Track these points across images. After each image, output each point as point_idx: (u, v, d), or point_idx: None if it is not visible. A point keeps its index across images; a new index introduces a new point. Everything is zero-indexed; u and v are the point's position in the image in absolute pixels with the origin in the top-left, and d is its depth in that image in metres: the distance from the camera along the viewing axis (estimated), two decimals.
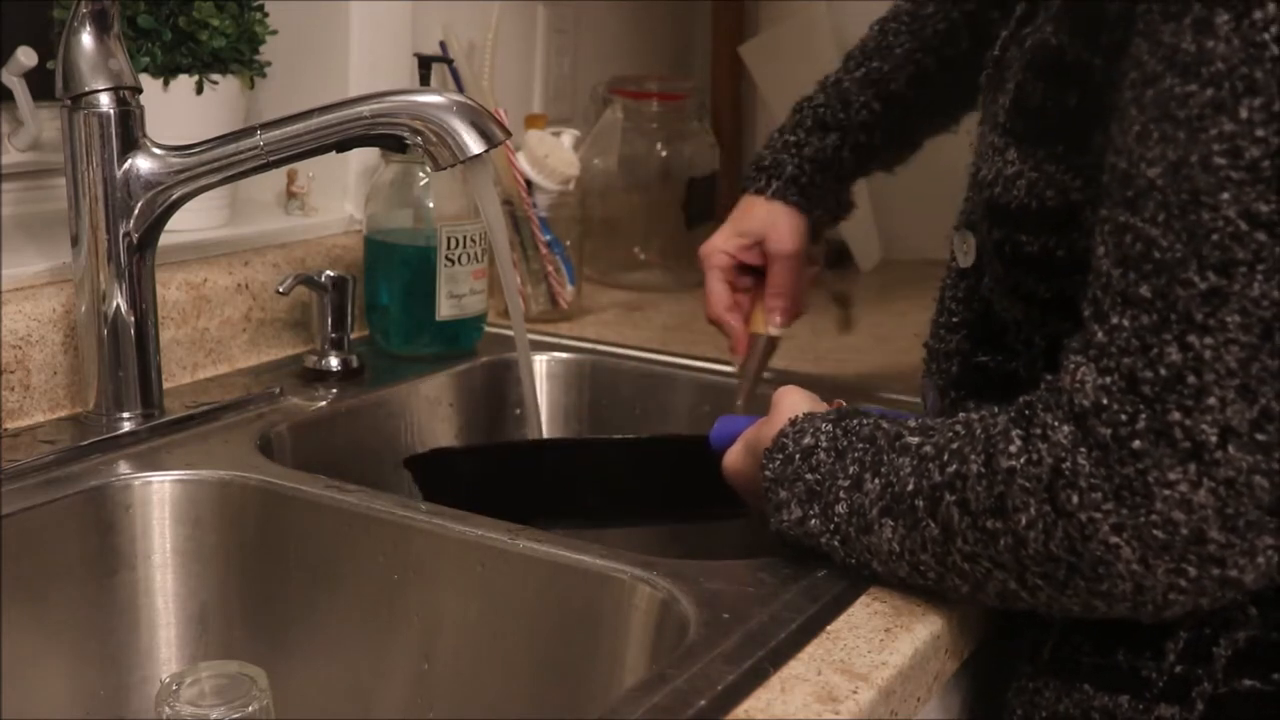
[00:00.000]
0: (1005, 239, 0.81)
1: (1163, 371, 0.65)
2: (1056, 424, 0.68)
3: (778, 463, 0.82)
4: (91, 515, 0.93)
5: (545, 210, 1.40)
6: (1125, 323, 0.66)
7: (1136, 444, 0.65)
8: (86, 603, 0.93)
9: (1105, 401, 0.66)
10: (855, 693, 0.70)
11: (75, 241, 0.99)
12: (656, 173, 1.63)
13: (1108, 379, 0.67)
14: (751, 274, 1.13)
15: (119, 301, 0.99)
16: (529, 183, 1.38)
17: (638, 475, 1.01)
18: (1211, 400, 0.64)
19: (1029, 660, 0.82)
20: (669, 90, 1.66)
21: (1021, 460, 0.69)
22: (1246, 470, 0.64)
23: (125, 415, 1.01)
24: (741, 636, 0.74)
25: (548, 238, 1.40)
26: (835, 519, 0.78)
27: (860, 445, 0.79)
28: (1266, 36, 0.63)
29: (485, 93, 1.38)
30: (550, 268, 1.40)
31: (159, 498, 0.95)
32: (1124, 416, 0.66)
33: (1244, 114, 0.63)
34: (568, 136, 1.42)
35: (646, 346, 1.33)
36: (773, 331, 1.12)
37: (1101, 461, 0.66)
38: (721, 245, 1.12)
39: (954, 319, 0.90)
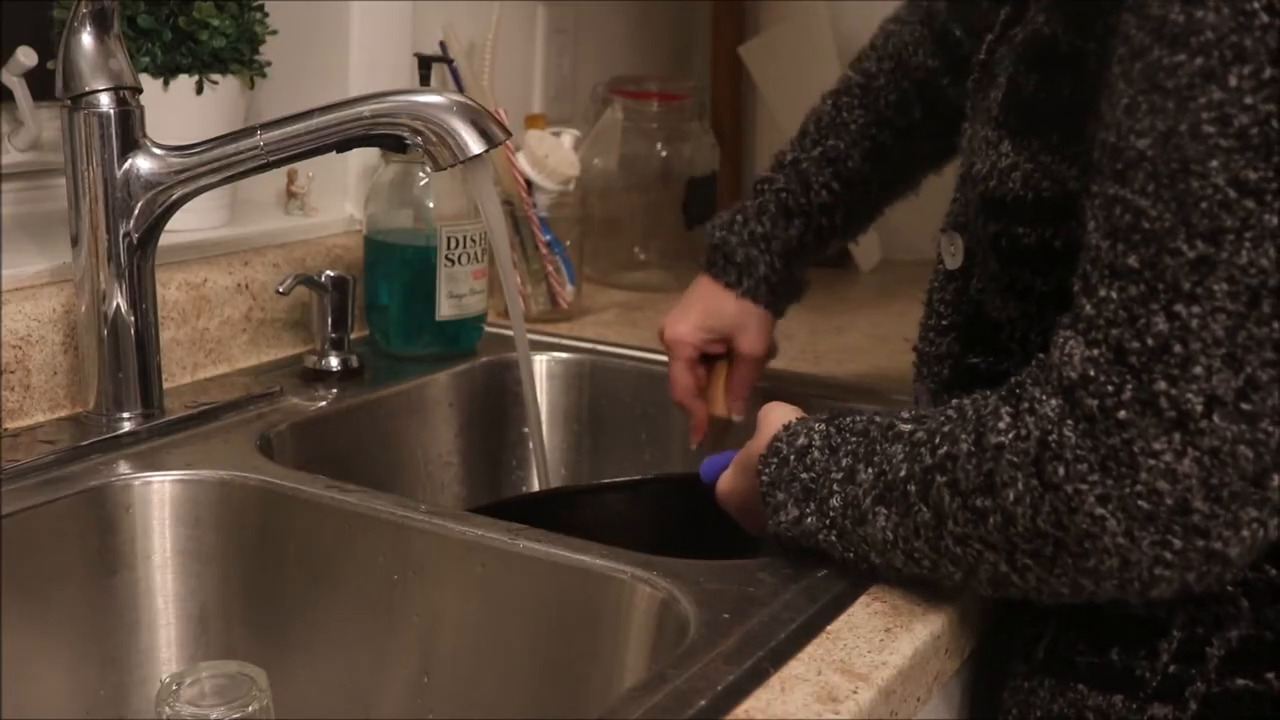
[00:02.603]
0: (1001, 233, 0.81)
1: (1150, 341, 0.65)
2: (1044, 398, 0.69)
3: (773, 467, 0.82)
4: (91, 515, 0.93)
5: (545, 210, 1.40)
6: (1113, 294, 0.67)
7: (1122, 414, 0.65)
8: (86, 603, 0.93)
9: (1092, 373, 0.67)
10: (855, 693, 0.70)
11: (75, 241, 0.99)
12: (656, 173, 1.63)
13: (1095, 351, 0.67)
14: (710, 357, 1.16)
15: (119, 301, 0.99)
16: (529, 183, 1.38)
17: (639, 519, 1.00)
18: (1198, 369, 0.64)
19: (1023, 659, 0.82)
20: (669, 90, 1.66)
21: (1010, 436, 0.69)
22: (1231, 440, 0.64)
23: (125, 415, 1.01)
24: (741, 636, 0.74)
25: (548, 238, 1.40)
26: (830, 513, 0.78)
27: (853, 439, 0.79)
28: (1255, 5, 0.63)
29: (485, 93, 1.38)
30: (550, 268, 1.40)
31: (159, 498, 0.95)
32: (1110, 387, 0.66)
33: (1233, 82, 0.64)
34: (568, 136, 1.42)
35: (646, 346, 1.33)
36: (735, 419, 1.16)
37: (1088, 433, 0.66)
38: (689, 338, 1.13)
39: (943, 321, 0.90)
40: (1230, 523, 0.65)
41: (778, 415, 0.86)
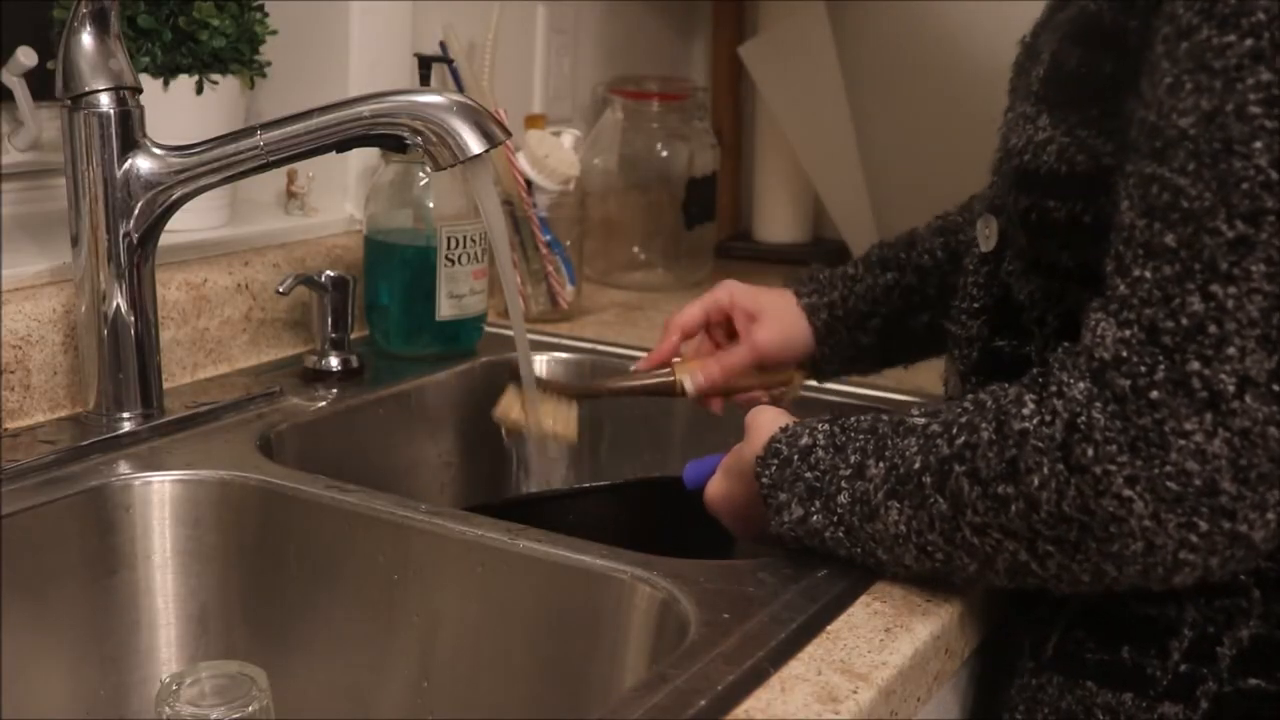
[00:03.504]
0: (1032, 206, 0.81)
1: (1184, 321, 0.65)
2: (1072, 381, 0.69)
3: (773, 468, 0.82)
4: (91, 515, 0.93)
5: (545, 210, 1.40)
6: (1148, 274, 0.67)
7: (1154, 394, 0.65)
8: (86, 603, 0.93)
9: (1125, 354, 0.67)
10: (855, 693, 0.70)
11: (75, 241, 0.99)
12: (656, 173, 1.63)
13: (1128, 332, 0.67)
14: (731, 336, 1.10)
15: (119, 301, 0.99)
16: (529, 183, 1.38)
17: (619, 522, 1.00)
18: (1231, 350, 0.64)
19: (1032, 657, 0.82)
20: (669, 90, 1.66)
21: (1035, 421, 0.69)
22: (1262, 421, 0.64)
23: (125, 415, 1.01)
24: (741, 636, 0.74)
25: (548, 238, 1.40)
26: (838, 510, 0.78)
27: (861, 436, 0.79)
28: None
29: (485, 93, 1.38)
30: (550, 268, 1.40)
31: (159, 498, 0.95)
32: (1143, 368, 0.66)
33: None
34: (568, 136, 1.42)
35: (646, 346, 1.32)
36: (686, 384, 1.07)
37: (1118, 414, 0.66)
38: (733, 287, 1.08)
39: (975, 304, 0.90)
40: (1257, 504, 0.65)
41: (768, 419, 0.86)
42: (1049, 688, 0.80)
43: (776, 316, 1.07)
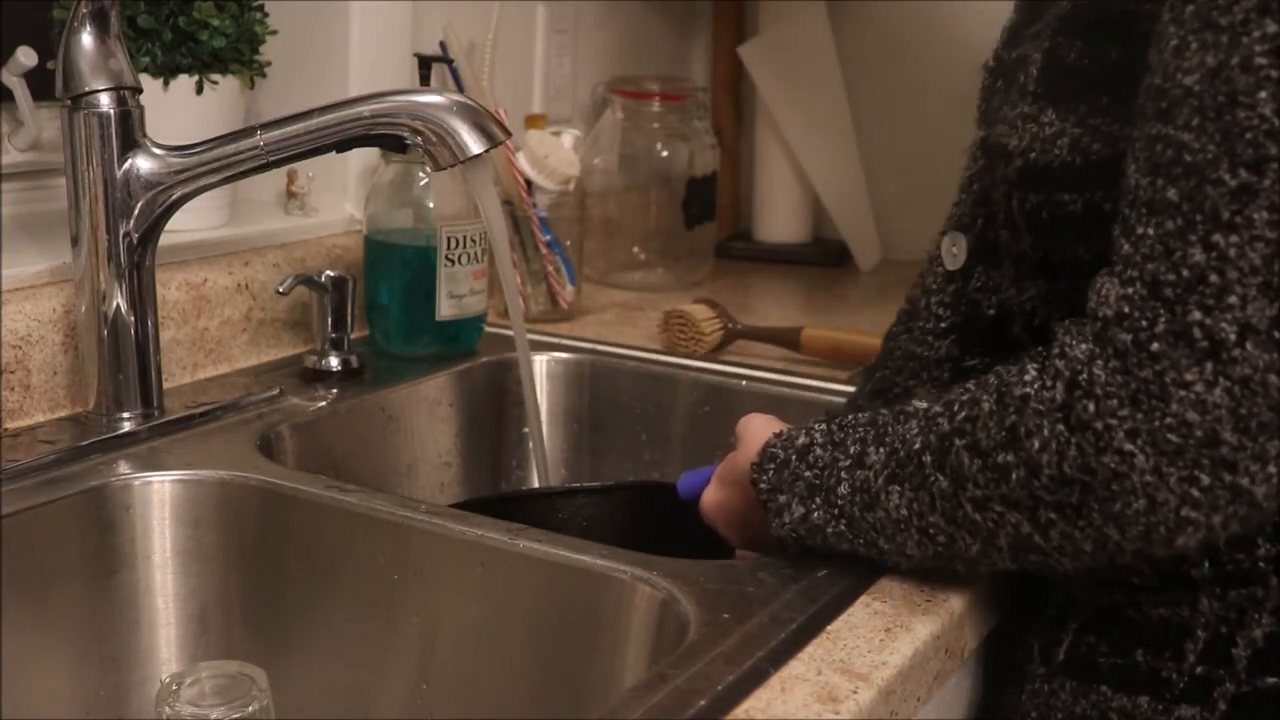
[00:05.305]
0: (1044, 203, 0.80)
1: (1185, 273, 0.65)
2: (1075, 343, 0.69)
3: (770, 472, 0.81)
4: (91, 515, 0.93)
5: (545, 210, 1.40)
6: (1150, 231, 0.67)
7: (1155, 346, 0.65)
8: (86, 603, 0.93)
9: (1127, 310, 0.67)
10: (855, 693, 0.70)
11: (75, 241, 0.99)
12: (656, 173, 1.63)
13: (1130, 289, 0.67)
14: None
15: (119, 301, 0.99)
16: (529, 183, 1.38)
17: (609, 524, 1.00)
18: (1233, 298, 0.64)
19: (1043, 662, 0.81)
20: (669, 90, 1.66)
21: (1035, 385, 0.69)
22: (1263, 369, 0.64)
23: (125, 415, 1.01)
24: (741, 636, 0.74)
25: (548, 238, 1.40)
26: (839, 502, 0.78)
27: (861, 428, 0.79)
28: None
29: (485, 93, 1.38)
30: (550, 268, 1.40)
31: (159, 498, 0.95)
32: (1144, 321, 0.66)
33: None
34: (568, 136, 1.42)
35: (646, 346, 1.33)
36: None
37: (1119, 369, 0.66)
38: None
39: (942, 324, 0.91)
40: (1257, 455, 0.64)
41: (758, 426, 0.86)
42: (1062, 693, 0.79)
43: None
